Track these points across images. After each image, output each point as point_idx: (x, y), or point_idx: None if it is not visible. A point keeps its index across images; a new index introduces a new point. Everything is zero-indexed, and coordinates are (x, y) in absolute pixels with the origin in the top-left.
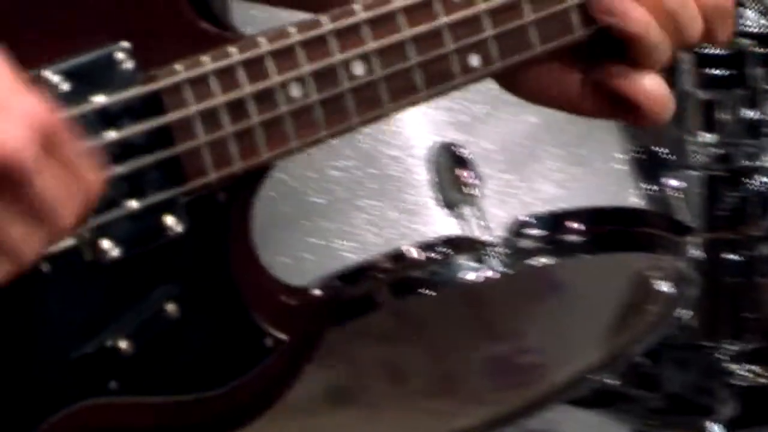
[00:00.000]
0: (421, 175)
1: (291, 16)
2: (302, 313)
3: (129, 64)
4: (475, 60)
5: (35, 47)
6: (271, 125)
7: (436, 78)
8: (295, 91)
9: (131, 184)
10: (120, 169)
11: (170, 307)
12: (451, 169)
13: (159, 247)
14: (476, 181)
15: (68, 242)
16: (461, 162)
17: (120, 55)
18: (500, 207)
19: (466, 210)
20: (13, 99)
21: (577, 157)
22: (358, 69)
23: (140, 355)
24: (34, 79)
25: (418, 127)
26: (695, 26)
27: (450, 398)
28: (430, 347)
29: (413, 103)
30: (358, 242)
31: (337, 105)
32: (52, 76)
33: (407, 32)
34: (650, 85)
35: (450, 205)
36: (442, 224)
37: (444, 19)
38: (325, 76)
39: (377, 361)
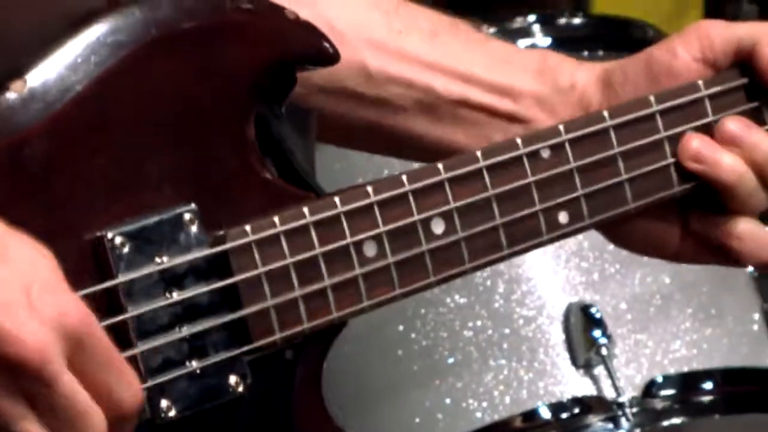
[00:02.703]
0: (554, 335)
1: None
2: None
3: (195, 226)
4: (563, 217)
5: (105, 207)
6: (342, 286)
7: (522, 236)
8: (370, 250)
9: (194, 344)
10: (184, 331)
11: None
12: (584, 329)
13: (218, 405)
14: (608, 342)
15: None
16: (593, 322)
17: (187, 216)
18: (632, 367)
19: (598, 370)
20: (46, 298)
21: (710, 317)
22: (439, 228)
23: None
24: (97, 240)
25: (551, 288)
26: None
27: None
28: None
29: (495, 262)
30: (489, 402)
31: (414, 265)
32: (115, 237)
33: (492, 191)
34: (745, 231)
35: (582, 365)
36: (574, 384)
37: (532, 178)
38: (402, 236)
39: None
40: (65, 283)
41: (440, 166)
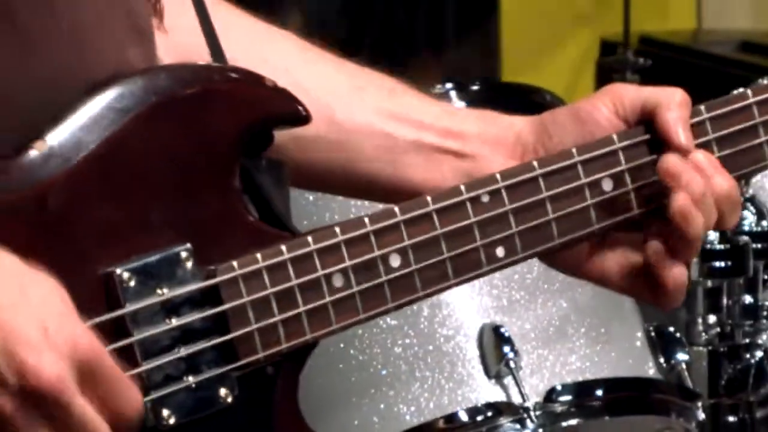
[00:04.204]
0: (470, 351)
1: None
2: None
3: (191, 262)
4: (500, 251)
5: (114, 247)
6: (314, 312)
7: (465, 268)
8: (338, 282)
9: (190, 363)
10: (181, 352)
11: None
12: (495, 345)
13: (211, 414)
14: (516, 356)
15: None
16: (503, 340)
17: (183, 254)
18: (536, 377)
19: (508, 380)
20: (59, 331)
21: (601, 336)
22: (395, 262)
23: None
24: (107, 275)
25: (467, 311)
26: (712, 216)
27: None
28: None
29: (443, 290)
30: (416, 407)
31: (375, 293)
32: (122, 273)
33: (440, 230)
34: (680, 275)
35: (494, 376)
36: (487, 392)
37: (474, 219)
38: (364, 269)
39: None
40: (75, 314)
41: (396, 209)
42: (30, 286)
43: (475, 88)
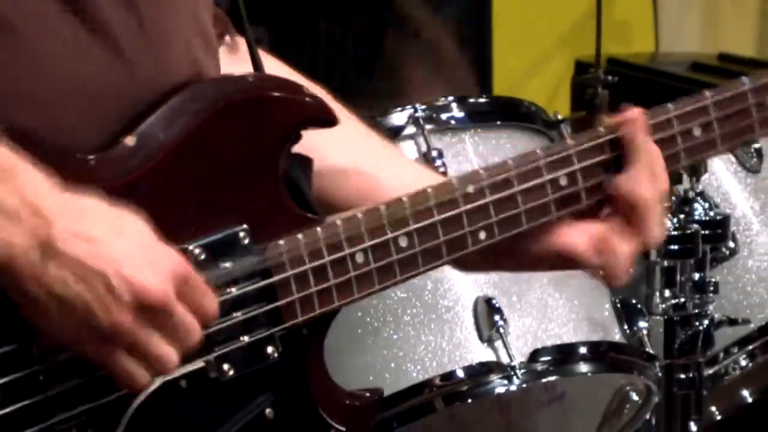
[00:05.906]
0: (467, 320)
1: None
2: (357, 411)
3: (247, 240)
4: (482, 235)
5: (186, 224)
6: (341, 284)
7: (455, 248)
8: (360, 259)
9: (245, 325)
10: (238, 315)
11: (268, 411)
12: (487, 314)
13: (260, 367)
14: (504, 324)
15: (199, 365)
16: (494, 310)
17: (242, 234)
18: (521, 341)
19: (498, 344)
20: (155, 254)
21: (575, 307)
22: (403, 243)
23: None
24: (183, 250)
25: (464, 286)
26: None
27: None
28: None
29: (439, 266)
30: (421, 366)
31: (387, 269)
32: (194, 248)
33: (437, 217)
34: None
35: (486, 340)
36: (481, 354)
37: (463, 208)
38: (380, 249)
39: None
40: (161, 241)
41: (404, 199)
42: (123, 223)
43: (472, 100)
